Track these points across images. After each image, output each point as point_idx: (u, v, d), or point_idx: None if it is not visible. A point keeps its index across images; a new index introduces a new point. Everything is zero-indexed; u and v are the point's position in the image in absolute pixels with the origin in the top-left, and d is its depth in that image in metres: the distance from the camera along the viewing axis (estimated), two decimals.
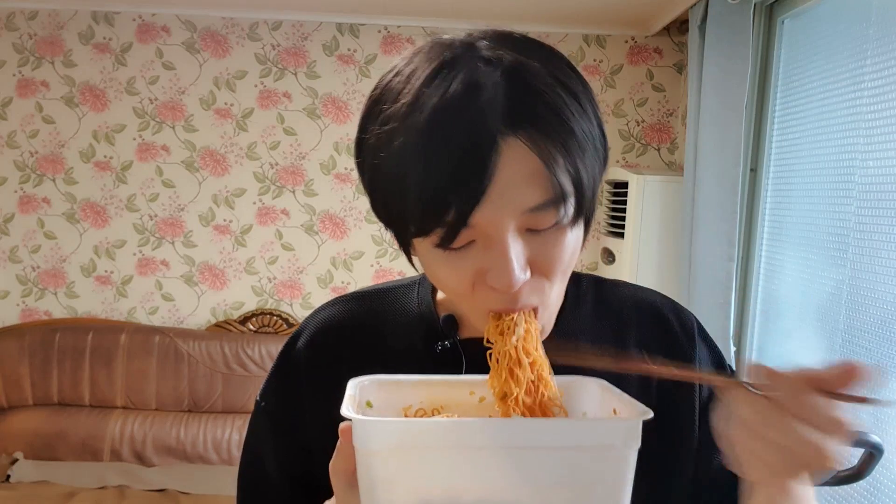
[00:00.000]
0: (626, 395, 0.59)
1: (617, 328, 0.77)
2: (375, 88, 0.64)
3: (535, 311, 0.63)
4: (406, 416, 0.64)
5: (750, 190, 2.41)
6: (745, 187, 2.36)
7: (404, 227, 0.61)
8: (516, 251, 0.59)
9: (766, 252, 2.39)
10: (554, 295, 0.64)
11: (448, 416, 0.62)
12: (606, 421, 0.57)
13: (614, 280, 0.83)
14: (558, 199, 0.58)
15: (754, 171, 2.41)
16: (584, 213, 0.61)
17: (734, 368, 0.82)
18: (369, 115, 0.63)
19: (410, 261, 0.68)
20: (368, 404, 0.62)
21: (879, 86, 1.78)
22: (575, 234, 0.62)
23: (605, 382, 0.63)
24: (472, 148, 0.55)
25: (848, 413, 0.50)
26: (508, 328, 0.62)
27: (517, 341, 0.61)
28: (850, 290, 1.87)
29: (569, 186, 0.58)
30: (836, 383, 0.50)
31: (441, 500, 0.53)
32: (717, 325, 2.28)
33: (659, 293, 0.82)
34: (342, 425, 0.59)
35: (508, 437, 0.53)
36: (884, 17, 1.78)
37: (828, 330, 1.96)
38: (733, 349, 2.37)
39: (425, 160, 0.56)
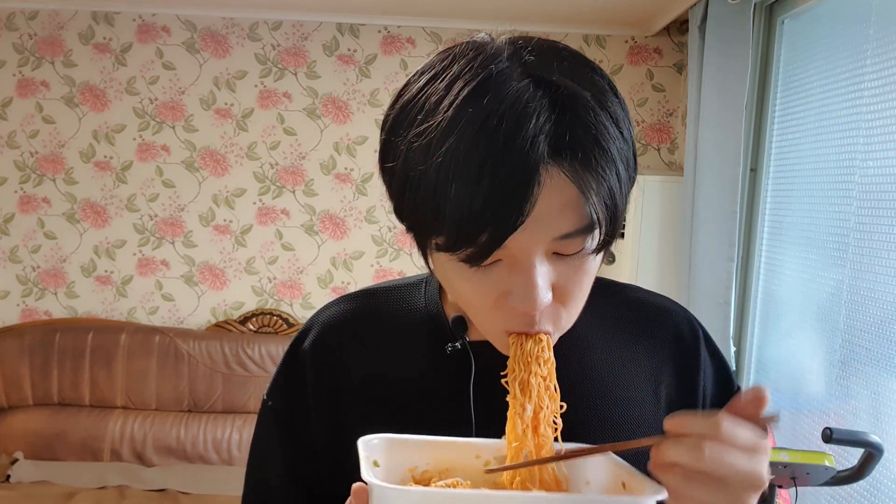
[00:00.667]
0: (634, 469, 0.59)
1: (627, 333, 0.77)
2: (406, 88, 0.62)
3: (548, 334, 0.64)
4: (413, 477, 0.64)
5: (750, 190, 2.41)
6: (745, 187, 2.36)
7: (430, 238, 0.60)
8: (542, 275, 0.59)
9: (766, 252, 2.39)
10: (566, 319, 0.64)
11: (455, 480, 0.62)
12: (625, 498, 0.57)
13: (625, 284, 0.82)
14: (590, 229, 0.58)
15: (754, 171, 2.41)
16: (611, 242, 0.61)
17: (735, 383, 0.81)
18: (401, 118, 0.61)
19: (427, 263, 0.67)
20: (375, 464, 0.61)
21: (879, 86, 1.78)
22: (596, 261, 0.63)
23: (613, 456, 0.63)
24: (516, 176, 0.54)
25: (762, 432, 0.53)
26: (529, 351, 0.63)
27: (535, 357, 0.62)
28: (850, 290, 1.87)
29: (602, 216, 0.58)
30: (752, 410, 0.52)
31: None
32: (717, 325, 2.28)
33: (670, 299, 0.81)
34: (355, 486, 0.58)
35: None
36: (884, 17, 1.78)
37: (828, 330, 1.96)
38: (733, 349, 2.38)
39: (466, 183, 0.55)
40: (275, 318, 3.25)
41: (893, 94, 1.72)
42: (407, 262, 3.26)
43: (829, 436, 1.47)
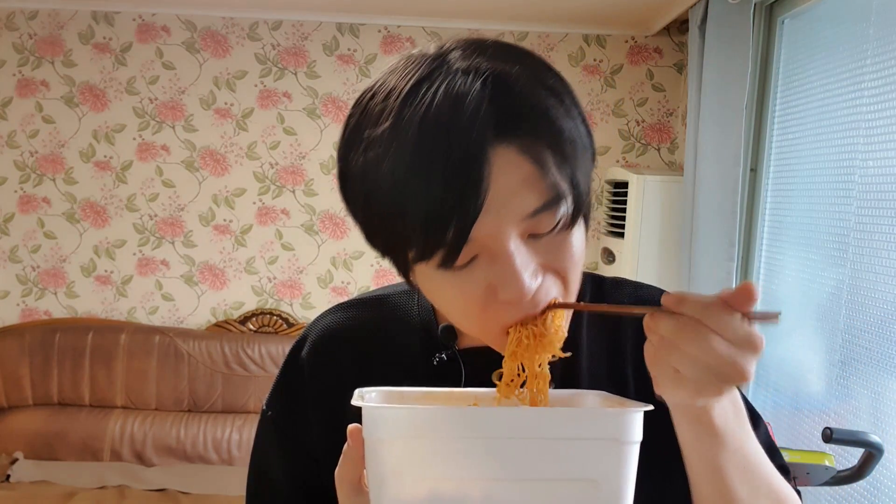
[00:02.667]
0: (627, 400, 0.60)
1: (616, 327, 0.77)
2: (351, 115, 0.62)
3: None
4: None
5: (750, 190, 2.41)
6: (745, 187, 2.36)
7: (404, 252, 0.59)
8: (522, 259, 0.58)
9: (766, 252, 2.39)
10: (562, 290, 0.63)
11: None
12: (612, 410, 0.57)
13: (615, 278, 0.82)
14: (556, 201, 0.57)
15: (754, 171, 2.41)
16: (582, 210, 0.60)
17: None
18: (350, 142, 0.61)
19: (411, 285, 0.66)
20: None
21: (879, 86, 1.78)
22: (578, 233, 0.62)
23: (605, 393, 0.63)
24: (463, 162, 0.54)
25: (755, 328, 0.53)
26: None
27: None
28: (850, 290, 1.87)
29: (564, 186, 0.57)
30: (741, 302, 0.52)
31: (451, 492, 0.53)
32: None
33: (659, 289, 0.81)
34: (351, 427, 0.58)
35: (518, 427, 0.53)
36: (884, 17, 1.78)
37: (828, 330, 1.96)
38: None
39: (418, 181, 0.55)
40: (275, 318, 3.25)
41: (893, 94, 1.72)
42: None
43: (829, 436, 1.48)
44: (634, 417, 0.54)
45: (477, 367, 0.70)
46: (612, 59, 3.15)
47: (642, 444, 0.54)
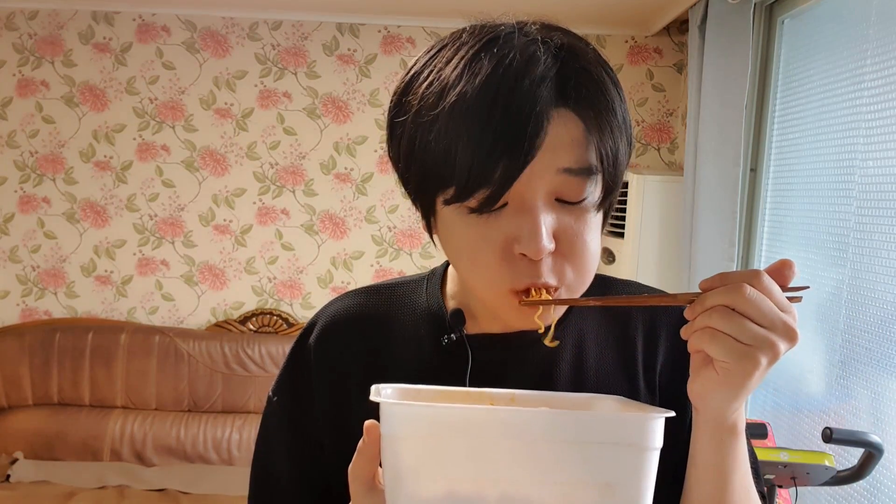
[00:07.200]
0: (646, 405, 0.60)
1: (625, 328, 0.77)
2: (417, 61, 0.65)
3: (552, 289, 0.63)
4: None
5: (750, 190, 2.41)
6: (745, 187, 2.36)
7: (436, 193, 0.62)
8: (546, 218, 0.60)
9: (766, 252, 2.39)
10: (571, 276, 0.63)
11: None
12: (632, 414, 0.57)
13: (623, 279, 0.82)
14: (591, 171, 0.60)
15: (754, 171, 2.41)
16: (609, 197, 0.63)
17: None
18: (413, 81, 0.64)
19: (431, 236, 0.69)
20: None
21: (879, 86, 1.78)
22: (596, 219, 0.64)
23: (623, 398, 0.64)
24: (527, 111, 0.57)
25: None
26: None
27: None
28: (850, 290, 1.87)
29: (604, 160, 0.61)
30: (784, 275, 0.56)
31: (467, 492, 0.52)
32: None
33: (666, 293, 0.81)
34: (367, 423, 0.58)
35: (538, 429, 0.52)
36: (884, 17, 1.78)
37: (828, 330, 1.96)
38: None
39: (478, 120, 0.58)
40: (275, 318, 3.25)
41: (893, 94, 1.72)
42: (407, 262, 3.26)
43: (829, 436, 1.48)
44: (657, 424, 0.53)
45: (483, 352, 0.70)
46: (612, 59, 3.15)
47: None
